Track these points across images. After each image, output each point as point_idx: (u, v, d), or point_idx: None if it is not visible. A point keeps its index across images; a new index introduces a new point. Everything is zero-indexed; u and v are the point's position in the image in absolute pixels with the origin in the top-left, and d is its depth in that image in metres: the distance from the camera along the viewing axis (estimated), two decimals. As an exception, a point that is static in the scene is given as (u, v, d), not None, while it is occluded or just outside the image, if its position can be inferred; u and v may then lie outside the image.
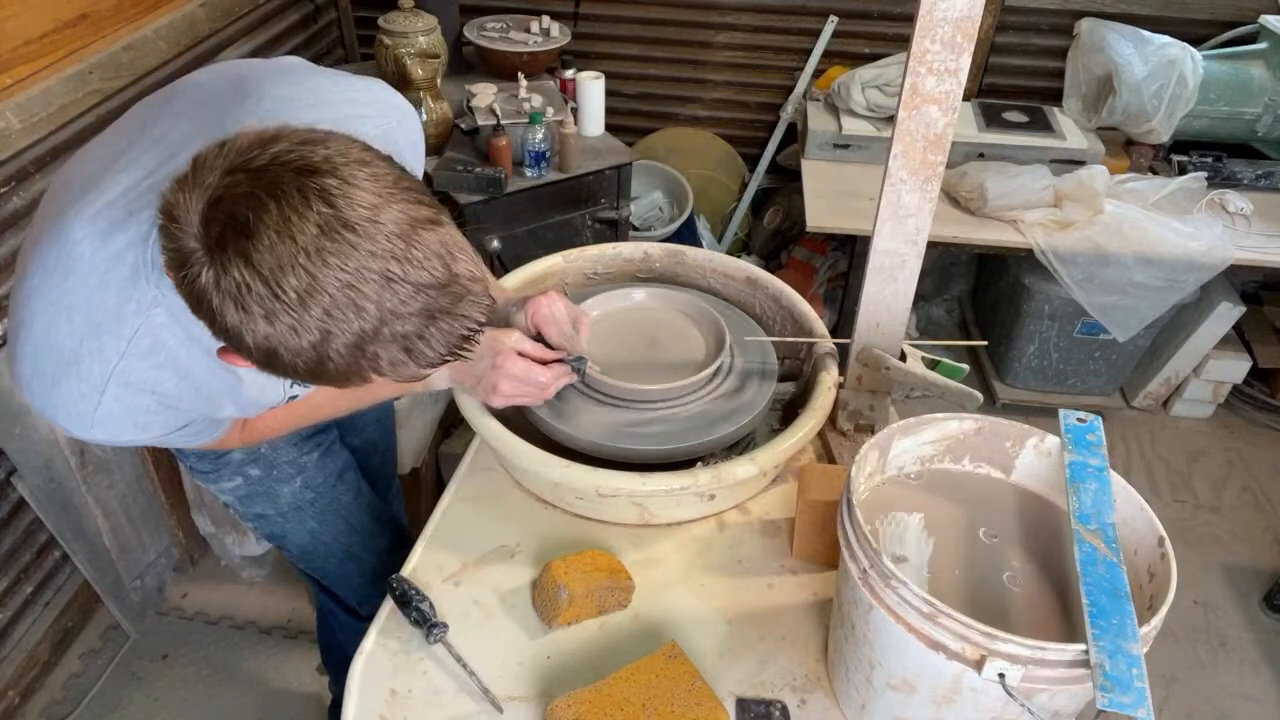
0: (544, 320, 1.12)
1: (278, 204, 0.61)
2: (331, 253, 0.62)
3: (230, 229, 0.62)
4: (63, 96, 1.76)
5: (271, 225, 0.61)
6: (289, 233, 0.61)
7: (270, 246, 0.62)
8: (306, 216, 0.62)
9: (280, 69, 0.95)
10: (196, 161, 0.66)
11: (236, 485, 1.26)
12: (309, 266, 0.62)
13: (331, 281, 0.63)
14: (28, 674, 1.90)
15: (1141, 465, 2.59)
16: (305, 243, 0.62)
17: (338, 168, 0.64)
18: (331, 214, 0.62)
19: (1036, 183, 2.27)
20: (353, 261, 0.63)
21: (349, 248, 0.63)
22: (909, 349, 1.20)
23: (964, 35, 0.94)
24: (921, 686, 0.80)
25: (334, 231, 0.62)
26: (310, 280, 0.63)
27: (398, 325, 0.66)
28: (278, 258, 0.62)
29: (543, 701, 0.94)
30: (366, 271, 0.64)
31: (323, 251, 0.62)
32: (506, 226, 2.26)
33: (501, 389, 1.06)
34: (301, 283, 0.62)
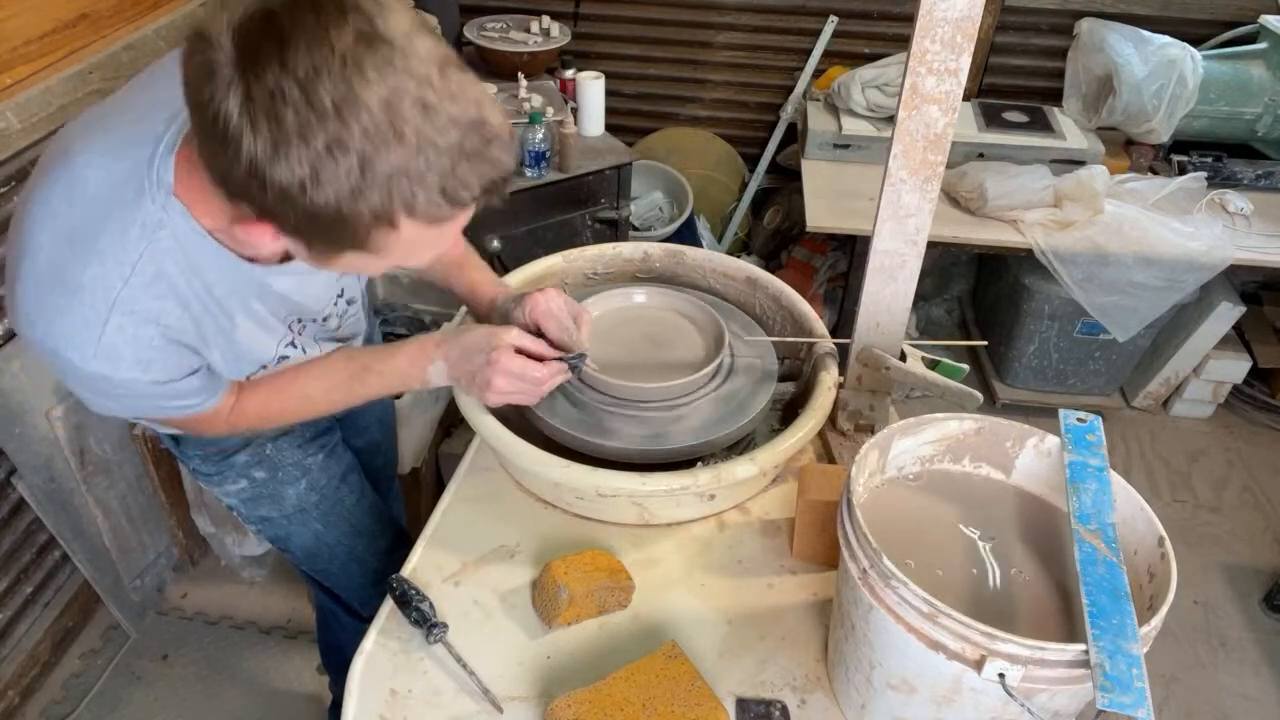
0: (543, 316, 1.11)
1: (316, 15, 0.61)
2: (370, 65, 0.62)
3: (264, 37, 0.61)
4: (63, 96, 1.76)
5: (309, 31, 0.60)
6: (327, 39, 0.61)
7: (308, 51, 0.60)
8: (344, 26, 0.61)
9: None
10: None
11: (241, 488, 1.26)
12: (347, 74, 0.61)
13: (371, 97, 0.62)
14: (28, 674, 1.90)
15: (1141, 465, 2.59)
16: (343, 49, 0.61)
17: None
18: (369, 28, 0.62)
19: (1036, 183, 2.27)
20: (391, 79, 0.62)
21: (386, 63, 0.62)
22: (909, 349, 1.20)
23: (964, 35, 0.94)
24: (921, 686, 0.80)
25: (372, 42, 0.62)
26: (348, 90, 0.61)
27: (433, 156, 0.65)
28: (314, 61, 0.61)
29: (543, 701, 0.94)
30: (404, 93, 0.63)
31: (360, 62, 0.61)
32: (506, 226, 2.26)
33: (496, 384, 1.03)
34: (339, 92, 0.61)
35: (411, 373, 1.08)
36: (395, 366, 1.08)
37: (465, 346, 1.05)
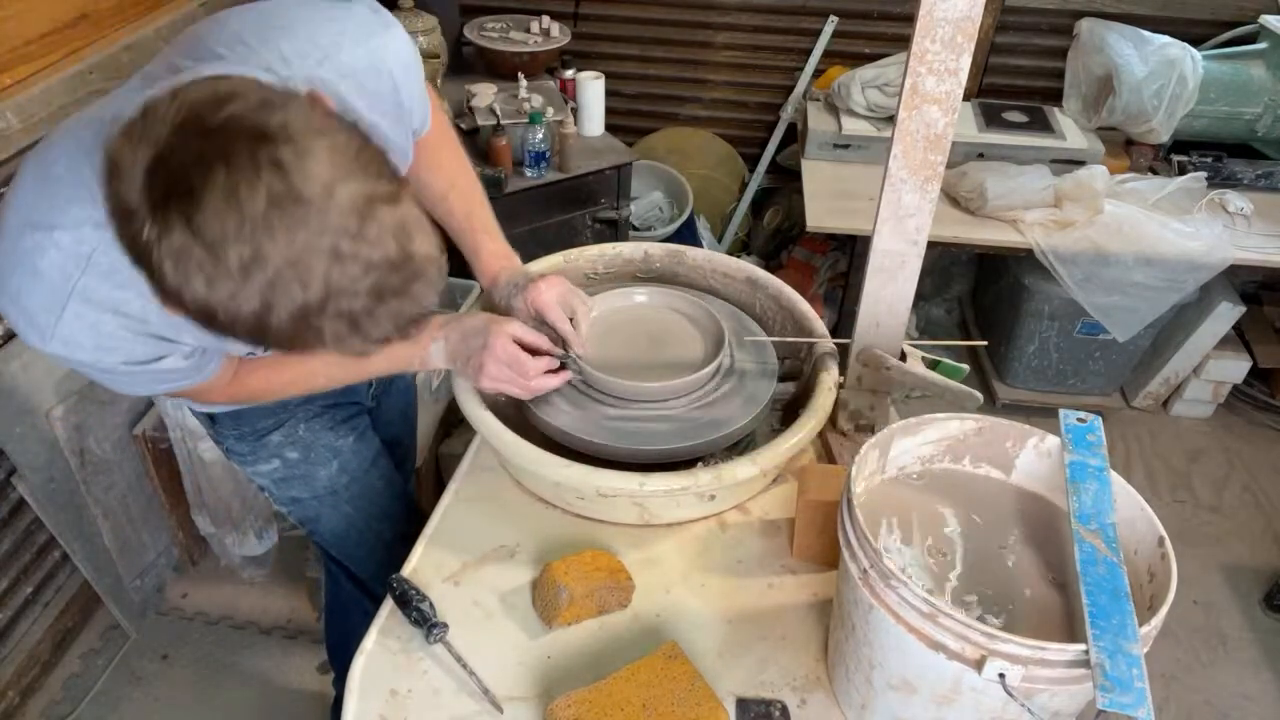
0: (545, 304, 1.13)
1: (227, 170, 0.58)
2: (279, 226, 0.59)
3: (176, 191, 0.59)
4: (63, 96, 1.76)
5: (219, 192, 0.58)
6: (236, 202, 0.58)
7: (216, 214, 0.59)
8: (256, 187, 0.58)
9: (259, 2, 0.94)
10: (147, 109, 0.62)
11: (274, 468, 1.27)
12: (254, 238, 0.59)
13: (277, 255, 0.60)
14: (28, 674, 1.90)
15: (1141, 465, 2.59)
16: (253, 213, 0.59)
17: (294, 137, 0.60)
18: (283, 186, 0.59)
19: (1036, 183, 2.27)
20: (300, 235, 0.60)
21: (297, 222, 0.60)
22: (909, 349, 1.20)
23: (964, 35, 0.94)
24: (922, 687, 0.80)
25: (284, 204, 0.59)
26: (254, 251, 0.59)
27: (344, 302, 0.64)
28: (223, 226, 0.59)
29: (543, 701, 0.94)
30: (314, 247, 0.61)
31: (270, 224, 0.59)
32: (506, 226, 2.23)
33: (489, 370, 1.07)
34: (245, 254, 0.59)
35: (413, 351, 1.11)
36: (397, 346, 1.09)
37: (465, 331, 1.09)
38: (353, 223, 0.62)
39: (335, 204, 0.61)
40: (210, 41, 0.86)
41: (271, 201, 0.59)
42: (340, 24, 0.92)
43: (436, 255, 0.69)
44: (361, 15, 0.95)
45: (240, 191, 0.58)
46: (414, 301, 0.68)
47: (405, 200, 0.66)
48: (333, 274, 0.62)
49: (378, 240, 0.63)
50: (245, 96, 0.62)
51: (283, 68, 0.85)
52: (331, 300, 0.63)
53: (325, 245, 0.61)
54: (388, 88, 0.97)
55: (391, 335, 0.69)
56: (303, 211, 0.60)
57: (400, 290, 0.66)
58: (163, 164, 0.59)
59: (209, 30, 0.88)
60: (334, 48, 0.90)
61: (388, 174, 0.66)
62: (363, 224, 0.62)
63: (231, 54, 0.84)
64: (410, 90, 1.01)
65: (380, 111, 0.98)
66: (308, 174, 0.60)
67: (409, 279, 0.66)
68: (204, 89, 0.62)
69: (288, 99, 0.64)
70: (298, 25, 0.89)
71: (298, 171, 0.59)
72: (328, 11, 0.93)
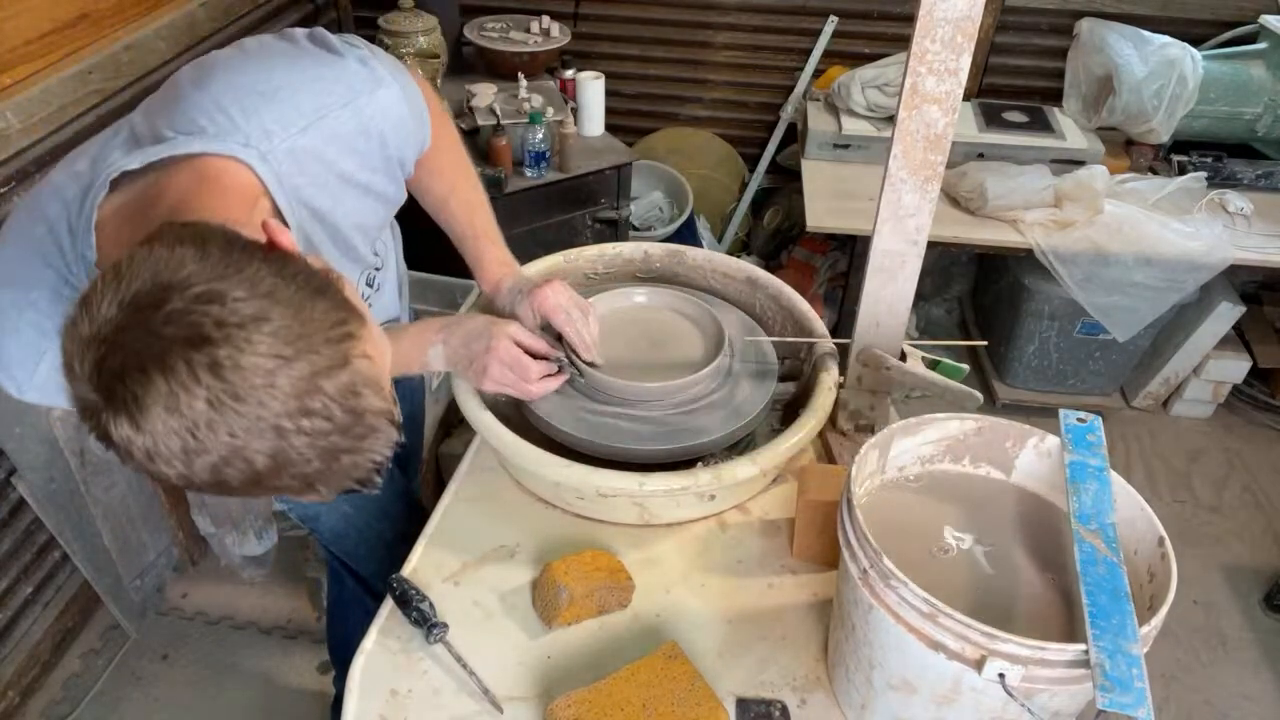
0: (551, 309, 1.13)
1: (165, 380, 0.59)
2: (220, 423, 0.60)
3: (120, 397, 0.60)
4: (63, 96, 1.76)
5: (160, 400, 0.59)
6: (176, 408, 0.59)
7: (160, 419, 0.60)
8: (195, 393, 0.59)
9: (243, 53, 0.93)
10: (88, 301, 0.61)
11: None
12: (197, 436, 0.60)
13: (221, 446, 0.61)
14: (28, 674, 1.90)
15: (1141, 465, 2.59)
16: (193, 417, 0.60)
17: (231, 336, 0.60)
18: (221, 388, 0.59)
19: (1036, 183, 2.27)
20: (241, 424, 0.61)
21: (238, 416, 0.60)
22: (909, 349, 1.20)
23: (964, 35, 0.94)
24: (922, 687, 0.80)
25: (223, 404, 0.60)
26: (199, 445, 0.61)
27: (295, 469, 0.64)
28: (166, 428, 0.60)
29: (543, 701, 0.94)
30: (257, 432, 0.61)
31: (211, 423, 0.60)
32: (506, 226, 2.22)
33: (491, 372, 1.07)
34: (190, 445, 0.61)
35: (413, 355, 1.11)
36: (399, 349, 1.09)
37: (466, 333, 1.09)
38: (294, 405, 0.62)
39: (276, 393, 0.61)
40: (193, 107, 0.85)
41: (211, 404, 0.59)
42: (327, 85, 0.91)
43: (387, 407, 0.68)
44: (350, 73, 0.94)
45: (180, 400, 0.59)
46: (368, 455, 0.68)
47: (355, 356, 0.65)
48: (279, 449, 0.63)
49: (323, 412, 0.63)
50: (185, 287, 0.60)
51: (264, 142, 0.85)
52: (282, 469, 0.64)
53: (268, 429, 0.61)
54: (376, 146, 0.97)
55: (350, 486, 0.69)
56: (242, 408, 0.60)
57: (352, 449, 0.66)
58: (108, 369, 0.60)
59: (194, 90, 0.88)
60: (320, 113, 0.90)
61: (337, 329, 0.65)
62: (306, 402, 0.62)
63: (213, 126, 0.84)
64: (402, 143, 1.01)
65: (370, 169, 0.98)
66: (245, 373, 0.60)
67: (359, 438, 0.66)
68: (144, 274, 0.61)
69: (234, 277, 0.62)
70: (282, 91, 0.88)
71: (235, 372, 0.60)
72: (315, 70, 0.92)
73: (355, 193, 0.98)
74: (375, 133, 0.96)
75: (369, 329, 0.69)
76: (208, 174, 0.82)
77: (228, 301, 0.60)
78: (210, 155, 0.83)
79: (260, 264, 0.64)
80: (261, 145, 0.85)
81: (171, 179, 0.81)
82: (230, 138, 0.84)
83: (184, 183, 0.81)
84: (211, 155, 0.83)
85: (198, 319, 0.59)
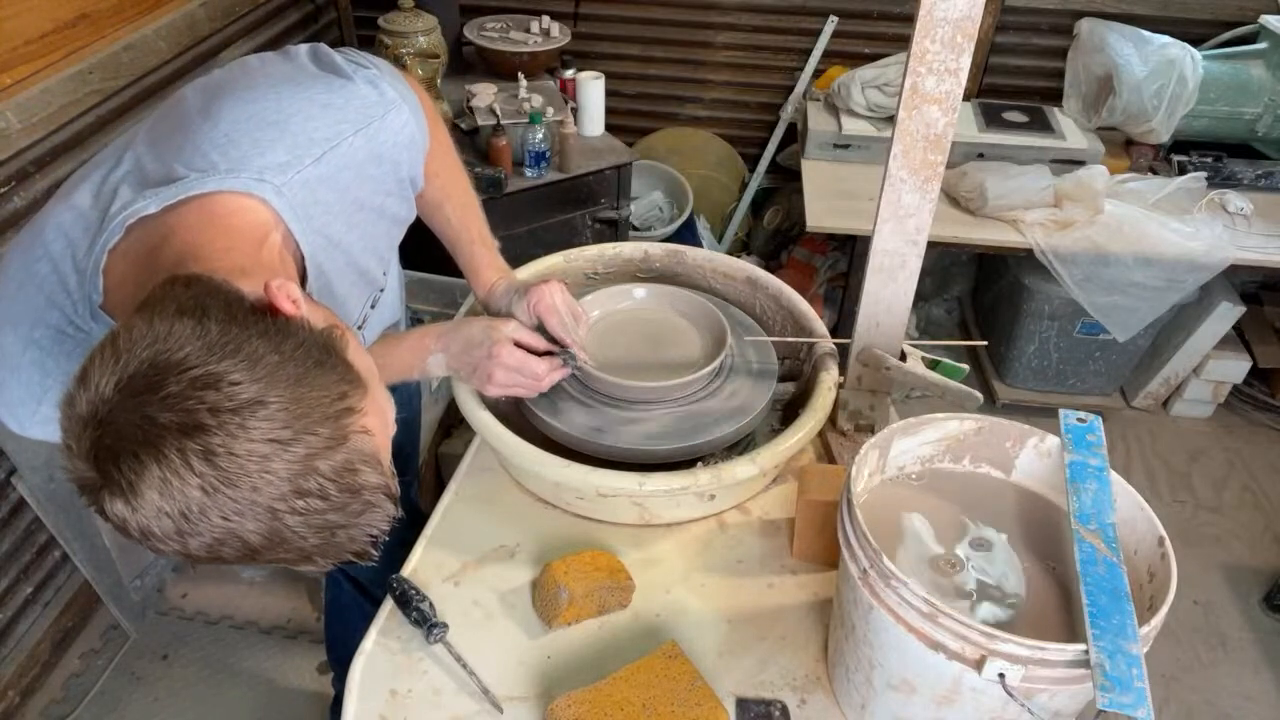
0: (546, 310, 1.12)
1: (159, 466, 0.59)
2: (212, 508, 0.60)
3: (113, 480, 0.60)
4: (63, 96, 1.76)
5: (154, 485, 0.59)
6: (170, 494, 0.59)
7: (153, 503, 0.60)
8: (188, 480, 0.59)
9: (249, 77, 0.92)
10: (86, 376, 0.61)
11: None
12: (189, 517, 0.60)
13: (215, 528, 0.61)
14: (28, 674, 1.90)
15: (1141, 465, 2.59)
16: (185, 502, 0.60)
17: (225, 422, 0.59)
18: (214, 475, 0.59)
19: (1036, 183, 2.27)
20: (234, 508, 0.61)
21: (231, 501, 0.60)
22: (909, 349, 1.20)
23: (964, 35, 0.94)
24: (921, 687, 0.80)
25: (217, 491, 0.60)
26: (190, 527, 0.61)
27: (292, 544, 0.64)
28: (159, 510, 0.60)
29: (543, 701, 0.94)
30: (251, 515, 0.61)
31: (204, 509, 0.60)
32: (506, 226, 2.26)
33: (496, 378, 1.07)
34: (182, 528, 0.61)
35: (412, 363, 1.10)
36: (397, 356, 1.09)
37: (466, 339, 1.08)
38: (288, 487, 0.62)
39: (271, 477, 0.61)
40: (204, 141, 0.84)
41: (204, 490, 0.59)
42: (339, 112, 0.90)
43: (384, 482, 0.68)
44: (361, 97, 0.93)
45: (173, 486, 0.59)
46: (364, 530, 0.67)
47: (353, 432, 0.65)
48: (273, 530, 0.63)
49: (319, 492, 0.63)
50: (181, 370, 0.60)
51: (278, 175, 0.84)
52: (277, 546, 0.64)
53: (262, 512, 0.61)
54: (389, 169, 0.97)
55: (346, 559, 0.69)
56: (235, 493, 0.60)
57: (348, 524, 0.66)
58: (103, 450, 0.60)
59: (203, 121, 0.86)
60: (333, 141, 0.89)
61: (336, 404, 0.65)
62: (301, 484, 0.62)
63: (225, 161, 0.82)
64: (413, 162, 1.01)
65: (384, 192, 0.98)
66: (240, 460, 0.60)
67: (355, 514, 0.66)
68: (142, 353, 0.61)
69: (228, 353, 0.61)
70: (293, 120, 0.87)
71: (228, 459, 0.59)
72: (325, 96, 0.90)
73: (369, 217, 0.98)
74: (388, 156, 0.95)
75: (370, 397, 0.68)
76: (217, 214, 0.80)
77: (223, 386, 0.60)
78: (224, 193, 0.81)
79: (259, 340, 0.63)
80: (276, 179, 0.84)
81: (180, 220, 0.79)
82: (244, 172, 0.82)
83: (192, 226, 0.79)
84: (225, 193, 0.81)
85: (193, 405, 0.59)
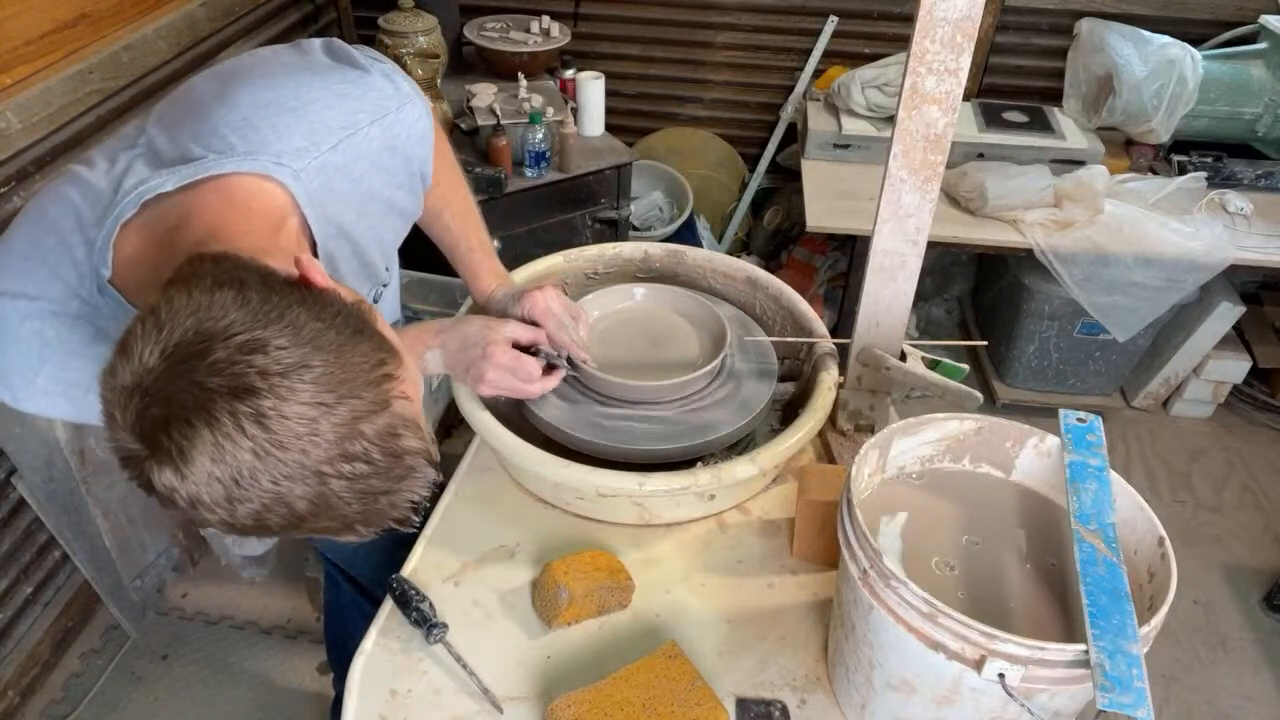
0: (542, 314, 1.13)
1: (211, 430, 0.59)
2: (263, 471, 0.61)
3: (163, 448, 0.60)
4: (63, 96, 1.76)
5: (206, 450, 0.59)
6: (221, 458, 0.60)
7: (204, 469, 0.60)
8: (240, 443, 0.59)
9: (264, 65, 0.92)
10: (127, 347, 0.61)
11: None
12: (240, 482, 0.61)
13: (263, 493, 0.62)
14: (28, 674, 1.90)
15: (1141, 465, 2.59)
16: (237, 466, 0.60)
17: (275, 384, 0.60)
18: (266, 438, 0.60)
19: (1036, 183, 2.27)
20: (284, 470, 0.61)
21: (279, 463, 0.61)
22: (909, 349, 1.20)
23: (964, 35, 0.94)
24: (921, 687, 0.80)
25: (268, 453, 0.60)
26: (241, 492, 0.61)
27: (335, 510, 0.65)
28: (210, 476, 0.60)
29: (543, 701, 0.94)
30: (299, 478, 0.62)
31: (255, 473, 0.61)
32: (506, 226, 2.26)
33: (489, 377, 1.07)
34: (232, 493, 0.61)
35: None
36: None
37: (463, 338, 1.09)
38: (335, 450, 0.62)
39: (319, 440, 0.61)
40: (222, 123, 0.84)
41: (255, 454, 0.60)
42: (356, 102, 0.91)
43: (424, 447, 0.69)
44: (377, 89, 0.94)
45: (225, 450, 0.59)
46: (406, 495, 0.68)
47: (393, 398, 0.66)
48: (320, 494, 0.63)
49: (363, 455, 0.64)
50: (227, 336, 0.60)
51: (296, 160, 0.85)
52: (322, 512, 0.65)
53: (310, 475, 0.62)
54: (402, 162, 0.98)
55: (389, 525, 0.70)
56: (286, 455, 0.61)
57: (391, 490, 0.67)
58: (151, 419, 0.60)
59: (219, 106, 0.86)
60: (349, 130, 0.89)
61: (377, 370, 0.66)
62: (347, 447, 0.63)
63: (244, 143, 0.83)
64: (425, 158, 1.01)
65: (395, 184, 0.99)
66: (289, 422, 0.60)
67: (398, 479, 0.67)
68: (186, 322, 0.61)
69: (271, 320, 0.62)
70: (311, 108, 0.88)
71: (279, 421, 0.60)
72: (341, 86, 0.91)
73: (379, 209, 0.99)
74: (402, 149, 0.96)
75: (405, 366, 0.69)
76: (235, 195, 0.81)
77: (270, 350, 0.60)
78: (242, 174, 0.82)
79: (299, 308, 0.64)
80: (294, 163, 0.84)
81: (198, 200, 0.80)
82: (262, 155, 0.83)
83: (210, 205, 0.79)
84: (243, 174, 0.82)
85: (242, 369, 0.59)
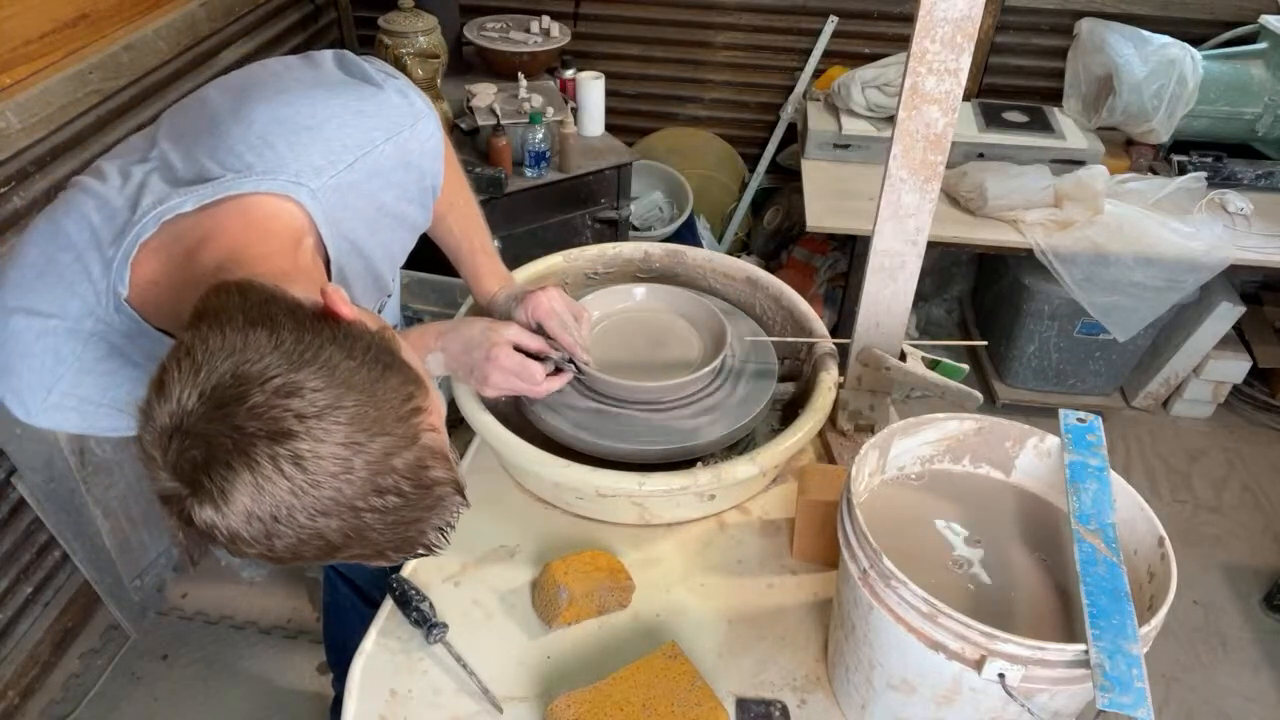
0: (545, 315, 1.13)
1: (250, 472, 0.61)
2: (299, 509, 0.62)
3: (203, 489, 0.61)
4: (63, 96, 1.76)
5: (246, 492, 0.61)
6: (260, 498, 0.61)
7: (243, 509, 0.62)
8: (278, 484, 0.61)
9: (277, 79, 0.93)
10: (163, 387, 0.62)
11: None
12: (279, 519, 0.63)
13: (300, 530, 0.63)
14: (28, 674, 1.90)
15: (1141, 465, 2.59)
16: (275, 505, 0.62)
17: (311, 428, 0.62)
18: (303, 478, 0.62)
19: (1036, 183, 2.27)
20: (320, 507, 0.63)
21: (316, 500, 0.63)
22: (909, 349, 1.20)
23: (964, 35, 0.93)
24: (921, 687, 0.80)
25: (304, 492, 0.62)
26: (279, 529, 0.63)
27: (368, 541, 0.67)
28: (250, 515, 0.62)
29: (543, 701, 0.94)
30: (332, 514, 0.64)
31: (292, 510, 0.62)
32: (507, 226, 2.26)
33: (492, 380, 1.07)
34: (270, 530, 0.63)
35: None
36: None
37: (465, 340, 1.09)
38: (368, 486, 0.64)
39: (353, 477, 0.63)
40: (238, 141, 0.85)
41: (293, 493, 0.62)
42: (371, 119, 0.92)
43: (453, 476, 0.71)
44: (391, 106, 0.94)
45: (264, 489, 0.61)
46: (435, 523, 0.70)
47: (423, 430, 0.68)
48: (354, 527, 0.65)
49: (394, 489, 0.66)
50: (264, 380, 0.62)
51: (314, 178, 0.85)
52: (355, 542, 0.66)
53: (345, 510, 0.64)
54: (415, 177, 0.98)
55: (419, 552, 0.72)
56: (321, 494, 0.63)
57: (420, 519, 0.69)
58: (190, 460, 0.62)
59: (235, 122, 0.86)
60: (364, 148, 0.90)
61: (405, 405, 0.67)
62: (379, 482, 0.65)
63: (261, 162, 0.84)
64: (437, 172, 1.02)
65: (407, 199, 0.99)
66: (324, 462, 0.62)
67: (428, 509, 0.69)
68: (222, 365, 0.62)
69: (305, 362, 0.63)
70: (328, 126, 0.88)
71: (315, 462, 0.62)
72: (357, 104, 0.92)
73: (390, 224, 0.99)
74: (415, 164, 0.97)
75: (431, 395, 0.71)
76: (254, 216, 0.81)
77: (306, 393, 0.62)
78: (260, 194, 0.82)
79: (331, 346, 0.65)
80: (311, 182, 0.85)
81: (216, 221, 0.80)
82: (280, 175, 0.83)
83: (230, 227, 0.80)
84: (262, 194, 0.82)
85: (279, 413, 0.61)
